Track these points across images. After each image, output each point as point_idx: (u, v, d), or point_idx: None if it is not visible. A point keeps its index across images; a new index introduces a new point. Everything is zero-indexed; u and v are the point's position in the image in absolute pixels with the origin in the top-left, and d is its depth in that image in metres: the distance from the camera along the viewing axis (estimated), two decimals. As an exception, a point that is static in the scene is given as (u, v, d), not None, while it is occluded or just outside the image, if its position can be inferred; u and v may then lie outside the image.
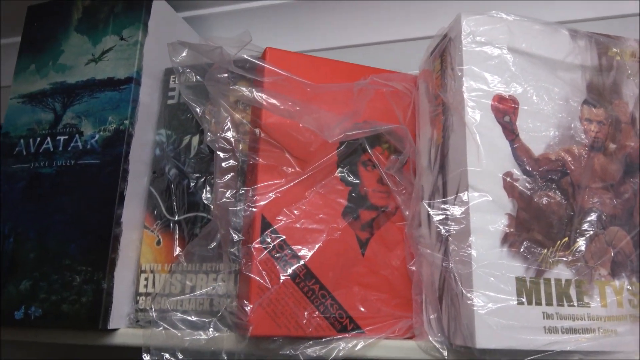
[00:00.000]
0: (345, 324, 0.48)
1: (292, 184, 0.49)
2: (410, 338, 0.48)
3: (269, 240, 0.47)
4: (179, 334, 0.46)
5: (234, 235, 0.46)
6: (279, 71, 0.45)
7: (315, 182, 0.50)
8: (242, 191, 0.48)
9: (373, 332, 0.48)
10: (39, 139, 0.62)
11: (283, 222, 0.48)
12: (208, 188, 0.57)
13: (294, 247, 0.48)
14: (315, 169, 0.50)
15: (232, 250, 0.49)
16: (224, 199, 0.48)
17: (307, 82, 0.46)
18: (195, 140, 0.61)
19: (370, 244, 0.51)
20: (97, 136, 0.59)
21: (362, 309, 0.48)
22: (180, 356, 0.45)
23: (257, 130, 0.50)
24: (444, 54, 0.49)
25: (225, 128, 0.48)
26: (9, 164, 0.62)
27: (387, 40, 0.71)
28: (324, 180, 0.51)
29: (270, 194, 0.48)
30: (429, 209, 0.44)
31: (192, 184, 0.58)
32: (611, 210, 0.43)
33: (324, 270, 0.48)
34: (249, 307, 0.45)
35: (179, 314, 0.47)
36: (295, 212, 0.49)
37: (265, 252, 0.47)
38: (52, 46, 0.65)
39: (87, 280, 0.54)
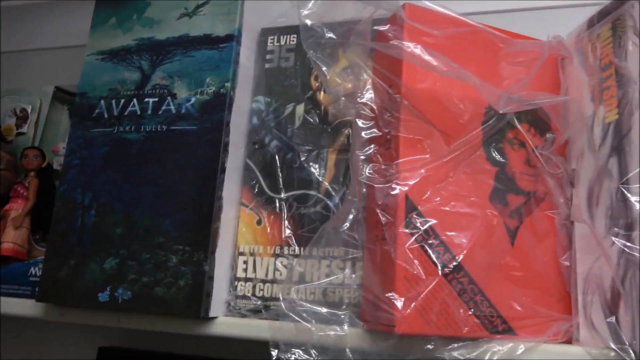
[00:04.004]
0: (497, 324, 0.42)
1: (439, 161, 0.43)
2: (566, 342, 0.42)
3: (416, 224, 0.41)
4: (312, 329, 0.40)
5: (381, 217, 0.40)
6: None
7: (460, 160, 0.44)
8: (384, 166, 0.41)
9: (526, 334, 0.42)
10: (123, 101, 0.55)
11: (430, 204, 0.42)
12: (322, 163, 0.51)
13: (444, 234, 0.41)
14: (462, 145, 0.44)
15: (361, 234, 0.43)
16: (365, 175, 0.41)
17: (492, 34, 0.39)
18: (300, 109, 0.54)
19: (519, 233, 0.45)
20: (193, 99, 0.52)
21: (517, 308, 0.42)
22: (313, 353, 0.39)
23: (397, 97, 0.43)
24: (619, 19, 0.43)
25: (366, 92, 0.42)
26: (87, 128, 0.55)
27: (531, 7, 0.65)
28: (469, 158, 0.44)
29: (420, 171, 0.41)
30: (629, 195, 0.37)
31: (298, 158, 0.51)
32: None
33: (473, 261, 0.42)
34: (400, 302, 0.38)
35: (307, 305, 0.41)
36: (443, 193, 0.42)
37: (413, 238, 0.40)
38: (135, -3, 0.58)
39: (185, 261, 0.48)
